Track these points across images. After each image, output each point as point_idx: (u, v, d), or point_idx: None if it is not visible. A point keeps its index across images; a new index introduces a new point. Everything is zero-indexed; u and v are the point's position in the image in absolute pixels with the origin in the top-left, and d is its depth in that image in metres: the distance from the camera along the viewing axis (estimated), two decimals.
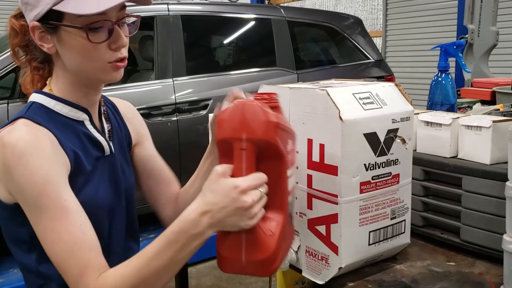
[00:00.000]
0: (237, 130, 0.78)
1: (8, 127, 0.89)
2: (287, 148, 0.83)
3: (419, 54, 5.92)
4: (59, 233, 0.87)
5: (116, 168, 1.04)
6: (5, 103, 2.75)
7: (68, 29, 0.90)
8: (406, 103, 1.07)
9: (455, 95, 1.45)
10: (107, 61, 0.93)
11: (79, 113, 0.98)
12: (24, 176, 0.86)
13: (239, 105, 0.79)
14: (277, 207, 0.83)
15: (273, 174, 0.82)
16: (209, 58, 3.81)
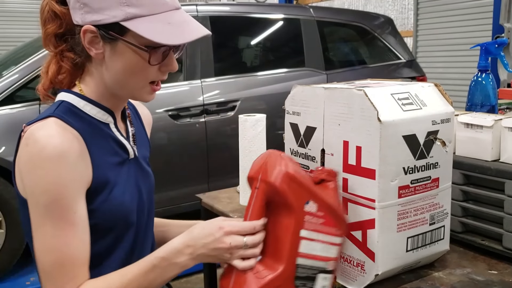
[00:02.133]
0: (256, 170, 0.88)
1: (38, 125, 0.88)
2: (303, 207, 0.87)
3: (452, 54, 5.78)
4: (59, 243, 0.87)
5: (139, 171, 1.05)
6: (37, 104, 2.80)
7: (129, 45, 0.89)
8: (446, 104, 1.03)
9: (496, 96, 1.39)
10: (150, 80, 0.94)
11: (106, 116, 0.98)
12: (43, 180, 0.85)
13: (268, 152, 0.90)
14: (277, 257, 0.87)
15: (282, 226, 0.88)
16: (237, 59, 3.80)
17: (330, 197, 0.91)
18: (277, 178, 0.86)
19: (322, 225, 0.89)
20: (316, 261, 0.89)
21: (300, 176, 0.88)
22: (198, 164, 3.21)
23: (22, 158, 0.88)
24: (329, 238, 0.90)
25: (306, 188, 0.88)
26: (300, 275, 0.88)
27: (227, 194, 1.78)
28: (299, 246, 0.87)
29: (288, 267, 0.86)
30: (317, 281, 0.90)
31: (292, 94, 1.14)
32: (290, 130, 1.16)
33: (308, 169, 1.11)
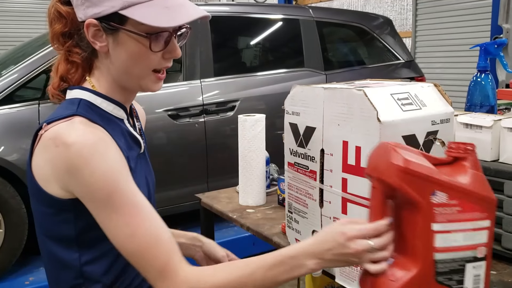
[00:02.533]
0: (371, 167, 0.82)
1: (63, 125, 0.88)
2: (430, 200, 0.79)
3: (450, 55, 5.79)
4: (136, 227, 0.87)
5: (146, 165, 1.08)
6: (36, 104, 2.79)
7: (129, 33, 0.91)
8: (446, 104, 1.03)
9: (495, 96, 1.39)
10: (153, 68, 0.95)
11: (121, 111, 1.00)
12: (95, 175, 0.86)
13: (379, 145, 0.83)
14: (410, 257, 0.81)
15: (409, 223, 0.81)
16: (237, 59, 3.80)
17: (466, 179, 0.81)
18: (391, 175, 0.78)
19: (459, 213, 0.80)
20: (460, 252, 0.80)
21: (419, 167, 0.79)
22: (197, 164, 3.21)
23: (55, 161, 0.87)
24: (472, 224, 0.80)
25: (428, 179, 0.79)
26: (442, 271, 0.80)
27: (227, 194, 1.78)
28: (433, 241, 0.79)
29: (425, 265, 0.79)
30: (466, 272, 0.81)
31: (291, 94, 1.14)
32: (290, 130, 1.16)
33: (307, 169, 1.11)
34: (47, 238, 0.96)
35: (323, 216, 1.08)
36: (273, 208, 1.60)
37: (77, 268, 0.95)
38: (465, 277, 0.81)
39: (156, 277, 0.87)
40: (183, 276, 0.86)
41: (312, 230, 1.12)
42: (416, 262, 0.79)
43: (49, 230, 0.95)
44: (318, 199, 1.09)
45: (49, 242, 0.96)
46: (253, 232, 1.44)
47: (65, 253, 0.95)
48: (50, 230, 0.95)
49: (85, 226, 0.91)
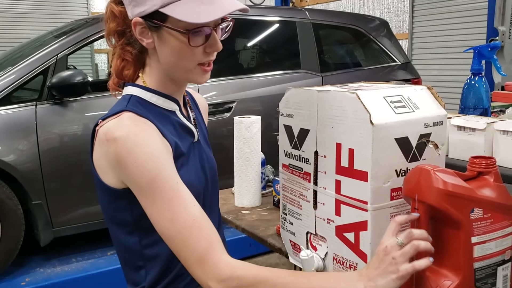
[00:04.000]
0: (411, 191, 0.88)
1: (113, 121, 0.95)
2: (469, 217, 0.86)
3: (447, 57, 5.80)
4: (177, 212, 0.91)
5: (203, 153, 1.12)
6: (34, 105, 2.79)
7: (170, 30, 0.95)
8: (439, 107, 1.04)
9: (489, 99, 1.40)
10: (198, 62, 0.99)
11: (172, 104, 1.05)
12: (138, 163, 0.91)
13: (417, 169, 0.88)
14: (454, 268, 0.87)
15: (451, 239, 0.88)
16: (233, 61, 3.81)
17: (493, 192, 0.89)
18: (436, 197, 0.85)
19: (491, 225, 0.88)
20: (493, 258, 0.89)
21: (458, 189, 0.86)
22: None
23: (108, 154, 0.94)
24: (501, 232, 0.90)
25: (467, 198, 0.86)
26: (479, 277, 0.88)
27: (222, 195, 1.79)
28: (473, 252, 0.87)
29: (466, 274, 0.87)
30: (497, 275, 0.90)
31: (286, 96, 1.15)
32: (284, 132, 1.17)
33: (301, 171, 1.12)
34: (111, 224, 1.04)
35: (317, 217, 1.09)
36: (268, 210, 1.61)
37: (138, 251, 1.02)
38: (497, 279, 0.90)
39: (194, 263, 0.89)
40: (223, 265, 0.88)
41: (306, 232, 1.13)
42: (458, 272, 0.87)
43: (111, 216, 1.03)
44: (312, 201, 1.10)
45: (113, 227, 1.04)
46: (248, 234, 1.44)
47: (127, 237, 1.02)
48: (112, 217, 1.03)
49: (141, 213, 0.95)
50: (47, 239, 2.87)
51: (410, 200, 0.89)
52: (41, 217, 2.80)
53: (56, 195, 2.81)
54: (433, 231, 0.88)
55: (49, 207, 2.81)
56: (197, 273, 0.90)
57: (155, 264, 1.02)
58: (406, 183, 0.91)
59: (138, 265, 1.03)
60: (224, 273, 0.88)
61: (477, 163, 0.91)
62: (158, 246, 0.99)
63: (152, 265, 1.02)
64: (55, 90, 2.77)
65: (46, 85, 2.80)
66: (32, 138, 2.74)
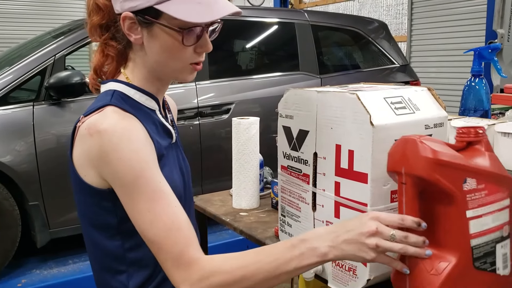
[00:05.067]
0: (397, 164, 0.81)
1: (97, 115, 0.92)
2: (462, 188, 0.79)
3: (445, 59, 5.81)
4: (157, 213, 0.89)
5: (179, 155, 1.11)
6: (31, 105, 2.78)
7: (163, 27, 0.93)
8: (439, 109, 1.03)
9: (489, 100, 1.39)
10: (188, 62, 0.97)
11: (153, 103, 1.03)
12: (122, 160, 0.88)
13: (401, 140, 0.82)
14: (450, 248, 0.80)
15: (444, 214, 0.80)
16: (232, 62, 3.80)
17: (485, 161, 0.81)
18: (425, 168, 0.77)
19: (486, 196, 0.81)
20: (491, 234, 0.81)
21: (449, 157, 0.78)
22: (192, 167, 3.19)
23: (90, 150, 0.91)
24: (497, 205, 0.82)
25: (459, 167, 0.79)
26: (478, 256, 0.80)
27: (220, 197, 1.77)
28: (469, 228, 0.79)
29: (463, 254, 0.79)
30: (496, 253, 0.82)
31: (285, 97, 1.14)
32: (283, 133, 1.16)
33: (300, 172, 1.11)
34: (91, 227, 1.00)
35: (316, 219, 1.08)
36: (267, 212, 1.60)
37: (121, 255, 0.99)
38: (496, 258, 0.82)
39: (172, 265, 0.87)
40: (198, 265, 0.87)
41: None
42: (455, 252, 0.79)
43: (92, 219, 0.99)
44: (311, 203, 1.08)
45: (93, 231, 1.00)
46: (246, 236, 1.43)
47: (109, 241, 0.98)
48: (93, 219, 0.99)
49: (126, 216, 0.93)
50: (43, 240, 2.86)
51: (395, 175, 0.82)
52: (38, 218, 2.79)
53: (53, 196, 2.79)
54: (423, 208, 0.81)
55: (46, 208, 2.80)
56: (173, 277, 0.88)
57: (139, 268, 0.99)
58: (390, 157, 0.83)
59: (119, 270, 1.00)
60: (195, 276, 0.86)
61: (465, 132, 0.84)
62: (142, 249, 0.95)
63: (135, 269, 0.99)
64: (53, 91, 2.76)
65: (44, 85, 2.79)
66: (29, 139, 2.73)
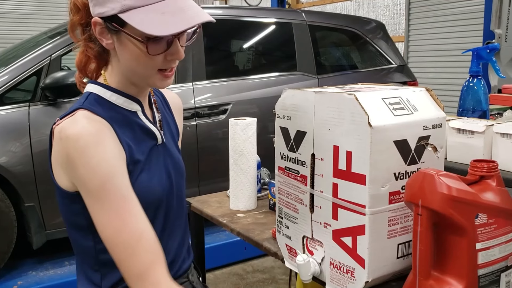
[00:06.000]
0: (414, 196, 0.86)
1: (68, 119, 0.92)
2: (474, 223, 0.84)
3: (443, 59, 5.81)
4: (125, 221, 0.87)
5: (168, 156, 1.08)
6: (27, 106, 2.76)
7: (128, 37, 0.91)
8: (438, 109, 1.02)
9: (487, 101, 1.39)
10: (158, 68, 0.95)
11: (133, 104, 1.01)
12: (88, 167, 0.87)
13: (420, 173, 0.86)
14: (458, 276, 0.85)
15: (455, 245, 0.86)
16: (229, 63, 3.79)
17: (496, 197, 0.87)
18: (440, 203, 0.83)
19: (495, 230, 0.87)
20: (496, 265, 0.88)
21: (463, 194, 0.84)
22: (188, 168, 3.17)
23: (60, 153, 0.91)
24: (504, 237, 0.88)
25: (472, 203, 0.84)
26: (483, 284, 0.87)
27: (217, 198, 1.76)
28: (477, 259, 0.85)
29: (470, 282, 0.85)
30: (501, 281, 0.89)
31: (282, 98, 1.13)
32: (281, 134, 1.15)
33: (298, 173, 1.10)
34: (68, 226, 1.01)
35: (314, 221, 1.06)
36: (264, 213, 1.58)
37: (94, 255, 0.99)
38: (500, 286, 0.89)
39: (134, 276, 0.86)
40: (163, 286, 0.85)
41: (303, 236, 1.10)
42: (463, 280, 0.85)
43: (68, 218, 1.00)
44: (308, 204, 1.07)
45: (71, 229, 1.01)
46: (243, 237, 1.42)
47: (83, 240, 0.99)
48: (68, 219, 1.00)
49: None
50: (39, 241, 2.83)
51: (412, 205, 0.87)
52: (34, 220, 2.77)
53: (49, 197, 2.77)
54: (436, 237, 0.86)
55: (42, 210, 2.78)
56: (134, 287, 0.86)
57: (110, 270, 0.98)
58: (408, 188, 0.89)
59: (94, 268, 1.00)
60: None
61: (479, 166, 0.89)
62: None
63: (107, 271, 0.99)
64: (49, 91, 2.74)
65: (40, 86, 2.77)
66: (25, 140, 2.71)
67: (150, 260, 0.86)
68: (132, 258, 0.86)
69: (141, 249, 0.86)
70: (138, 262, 0.86)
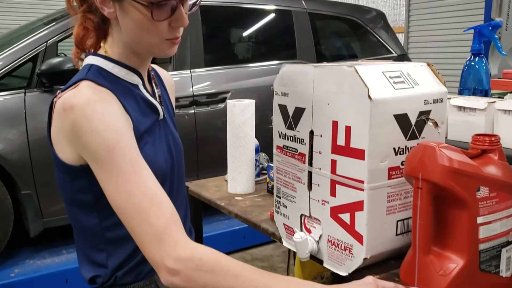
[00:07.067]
0: (414, 169, 0.84)
1: (72, 91, 0.90)
2: (475, 196, 0.83)
3: (442, 50, 5.79)
4: (135, 185, 0.84)
5: (168, 133, 1.06)
6: (22, 92, 2.73)
7: (132, 2, 0.89)
8: (439, 84, 1.00)
9: (489, 80, 1.36)
10: (164, 38, 0.93)
11: (134, 77, 1.00)
12: (95, 134, 0.85)
13: (421, 146, 0.85)
14: (459, 251, 0.84)
15: (456, 219, 0.84)
16: (228, 50, 3.76)
17: (498, 170, 0.85)
18: (441, 175, 0.81)
19: (497, 204, 0.85)
20: (497, 239, 0.86)
21: (465, 166, 0.82)
22: (187, 157, 3.16)
23: (63, 125, 0.88)
24: (506, 212, 0.86)
25: (473, 176, 0.82)
26: (484, 259, 0.85)
27: (215, 182, 1.75)
28: (478, 233, 0.84)
29: (471, 257, 0.84)
30: (501, 257, 0.87)
31: (280, 74, 1.10)
32: (279, 112, 1.12)
33: (296, 152, 1.08)
34: (70, 205, 0.98)
35: (312, 199, 1.05)
36: (262, 196, 1.57)
37: (99, 234, 0.96)
38: (500, 262, 0.87)
39: (151, 239, 0.82)
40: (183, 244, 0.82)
41: (300, 214, 1.09)
42: (463, 255, 0.83)
43: (70, 196, 0.97)
44: (306, 183, 1.05)
45: (73, 208, 0.98)
46: (241, 219, 1.40)
47: (87, 218, 0.96)
48: (71, 197, 0.97)
49: (101, 193, 0.89)
50: (36, 230, 2.82)
51: (412, 179, 0.85)
52: (31, 208, 2.75)
53: (46, 186, 2.75)
54: (437, 212, 0.85)
55: (39, 197, 2.76)
56: (152, 251, 0.82)
57: (117, 248, 0.97)
58: (408, 162, 0.86)
59: (99, 248, 0.98)
60: (183, 253, 0.81)
61: (481, 140, 0.87)
62: (121, 228, 0.91)
63: (114, 249, 0.97)
64: (45, 78, 2.71)
65: (36, 72, 2.74)
66: (21, 127, 2.68)
67: (165, 222, 0.83)
68: (146, 222, 0.83)
69: (155, 212, 0.83)
70: (153, 226, 0.82)
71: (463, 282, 0.83)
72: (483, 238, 0.84)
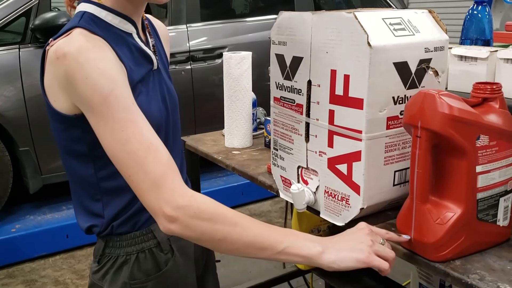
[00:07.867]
0: (414, 117, 0.82)
1: (64, 38, 0.87)
2: (475, 144, 0.81)
3: (444, 5, 5.68)
4: (131, 133, 0.83)
5: (163, 83, 1.04)
6: (17, 48, 2.69)
7: None
8: (440, 31, 0.97)
9: (491, 30, 1.33)
10: None
11: (128, 25, 0.98)
12: (89, 82, 0.83)
13: (420, 94, 0.83)
14: (456, 200, 0.84)
15: (455, 167, 0.83)
16: (225, 4, 3.67)
17: (499, 119, 0.84)
18: (440, 123, 0.79)
19: (496, 153, 0.84)
20: (496, 188, 0.85)
21: (465, 114, 0.80)
22: (184, 114, 3.14)
23: (57, 74, 0.86)
24: (505, 161, 0.85)
25: (473, 124, 0.81)
26: (482, 208, 0.85)
27: (212, 137, 1.74)
28: (477, 182, 0.83)
29: (468, 206, 0.83)
30: (499, 206, 0.87)
31: (278, 22, 1.07)
32: (276, 62, 1.10)
33: (293, 103, 1.06)
34: (66, 155, 0.98)
35: (309, 151, 1.04)
36: (259, 150, 1.56)
37: (95, 183, 0.96)
38: (498, 211, 0.86)
39: (149, 187, 0.81)
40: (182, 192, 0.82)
41: (298, 166, 1.08)
42: (461, 204, 0.83)
43: (65, 146, 0.96)
44: (304, 134, 1.04)
45: (69, 159, 0.97)
46: (238, 172, 1.40)
47: (82, 168, 0.96)
48: (66, 146, 0.96)
49: (96, 142, 0.88)
50: (36, 186, 2.84)
51: (411, 128, 0.84)
52: (29, 164, 2.76)
53: (44, 142, 2.75)
54: (435, 161, 0.84)
55: (37, 154, 2.76)
56: (149, 199, 0.81)
57: (113, 198, 0.96)
58: (407, 110, 0.85)
59: (95, 198, 0.98)
60: (182, 200, 0.80)
61: (482, 88, 0.85)
62: (117, 178, 0.90)
63: (110, 199, 0.97)
64: (39, 33, 2.66)
65: (29, 27, 2.69)
66: (17, 84, 2.65)
67: (161, 170, 0.82)
68: (142, 170, 0.82)
69: (151, 160, 0.82)
70: (150, 174, 0.81)
71: (460, 230, 0.83)
72: (482, 187, 0.84)
